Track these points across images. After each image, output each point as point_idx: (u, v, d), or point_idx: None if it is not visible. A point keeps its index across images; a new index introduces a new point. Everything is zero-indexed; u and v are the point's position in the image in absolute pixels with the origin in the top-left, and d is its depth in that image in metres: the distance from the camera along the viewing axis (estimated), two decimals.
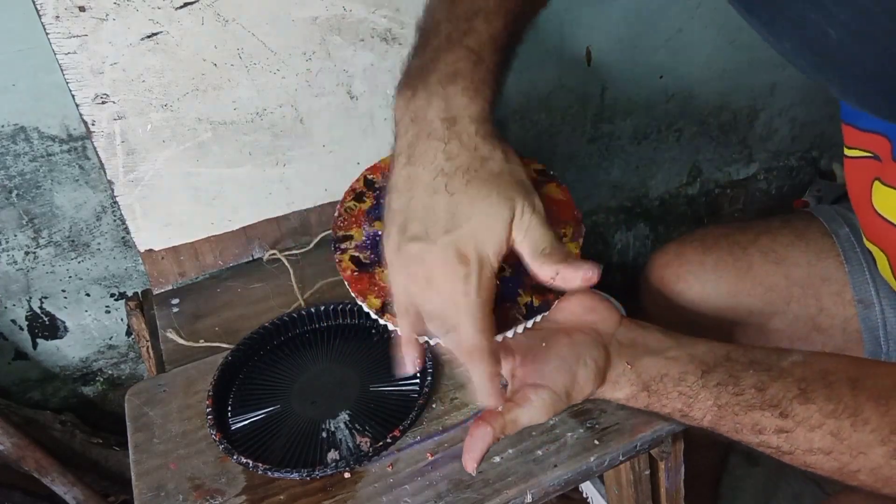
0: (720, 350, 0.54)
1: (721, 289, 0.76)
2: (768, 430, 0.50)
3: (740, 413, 0.50)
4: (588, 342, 0.53)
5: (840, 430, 0.48)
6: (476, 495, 0.56)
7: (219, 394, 0.66)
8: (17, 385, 0.98)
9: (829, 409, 0.48)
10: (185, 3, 0.71)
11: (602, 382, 0.52)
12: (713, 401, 0.51)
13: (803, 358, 0.52)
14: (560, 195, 0.62)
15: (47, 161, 0.84)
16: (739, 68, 1.24)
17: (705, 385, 0.51)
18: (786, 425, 0.49)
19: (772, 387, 0.50)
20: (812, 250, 0.75)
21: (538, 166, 0.64)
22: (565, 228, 0.60)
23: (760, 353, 0.53)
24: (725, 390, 0.51)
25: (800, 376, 0.50)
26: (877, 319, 0.72)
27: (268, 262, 0.86)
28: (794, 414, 0.49)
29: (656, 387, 0.53)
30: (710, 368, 0.52)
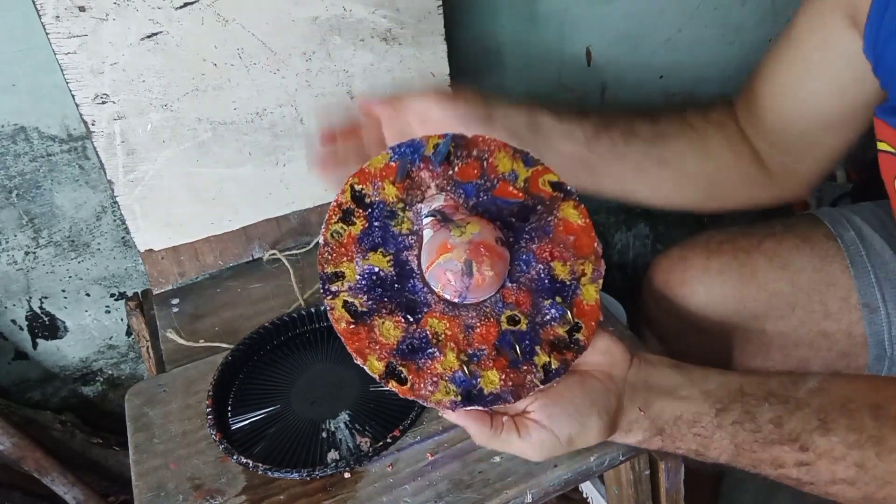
0: (734, 384, 0.52)
1: (725, 294, 0.76)
2: (788, 464, 0.49)
3: (758, 450, 0.49)
4: (601, 391, 0.52)
5: (865, 461, 0.46)
6: (476, 495, 0.56)
7: (219, 394, 0.66)
8: (17, 385, 0.98)
9: (851, 440, 0.47)
10: (185, 3, 0.71)
11: (613, 431, 0.52)
12: (730, 440, 0.50)
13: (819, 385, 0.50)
14: (578, 220, 0.54)
15: (47, 161, 0.84)
16: (739, 68, 1.23)
17: (720, 425, 0.50)
18: (807, 458, 0.48)
19: (790, 421, 0.49)
20: (817, 255, 0.74)
21: (553, 177, 0.55)
22: (583, 265, 0.54)
23: (775, 382, 0.52)
24: (742, 428, 0.50)
25: (818, 406, 0.49)
26: (882, 324, 0.71)
27: (268, 262, 0.86)
28: (815, 447, 0.48)
29: (670, 430, 0.52)
30: (725, 406, 0.51)
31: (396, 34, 0.81)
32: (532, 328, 0.52)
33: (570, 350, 0.52)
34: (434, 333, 0.50)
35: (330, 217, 0.52)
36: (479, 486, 0.57)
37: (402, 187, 0.53)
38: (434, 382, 0.49)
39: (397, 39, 0.81)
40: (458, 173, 0.53)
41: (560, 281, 0.53)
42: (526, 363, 0.51)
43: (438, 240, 0.50)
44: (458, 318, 0.51)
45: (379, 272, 0.51)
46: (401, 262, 0.52)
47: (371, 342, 0.50)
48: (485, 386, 0.50)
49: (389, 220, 0.52)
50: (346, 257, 0.51)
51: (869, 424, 0.47)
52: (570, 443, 0.50)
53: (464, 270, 0.49)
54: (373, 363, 0.49)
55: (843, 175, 1.48)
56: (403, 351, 0.50)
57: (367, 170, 0.53)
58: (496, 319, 0.51)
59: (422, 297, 0.51)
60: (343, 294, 0.50)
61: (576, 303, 0.53)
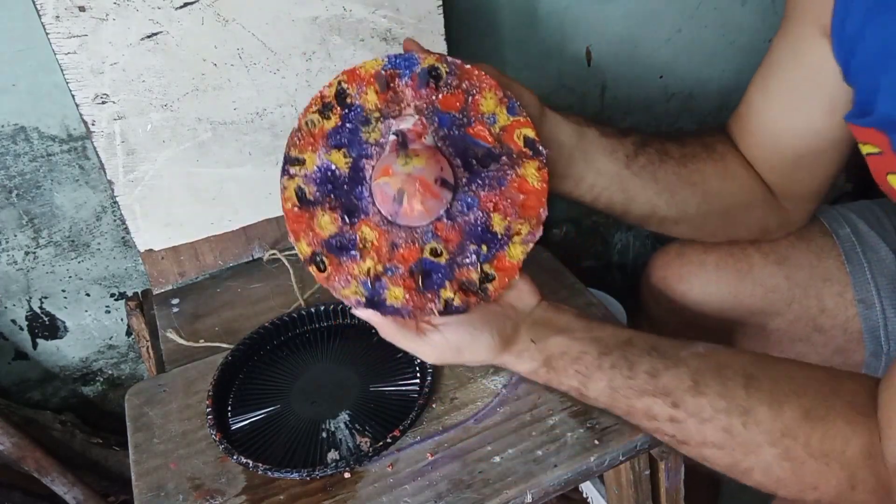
0: (624, 335, 0.56)
1: (722, 289, 0.77)
2: (661, 418, 0.52)
3: (632, 397, 0.53)
4: (499, 315, 0.57)
5: (731, 427, 0.49)
6: (476, 495, 0.56)
7: (219, 394, 0.66)
8: (17, 385, 0.98)
9: (720, 406, 0.50)
10: (185, 3, 0.71)
11: (503, 352, 0.56)
12: (606, 382, 0.54)
13: (704, 350, 0.54)
14: (536, 183, 0.55)
15: (47, 161, 0.84)
16: (739, 68, 1.23)
17: (600, 366, 0.54)
18: (677, 415, 0.51)
19: (665, 375, 0.52)
20: (813, 251, 0.75)
21: (529, 132, 0.55)
22: (521, 225, 0.56)
23: (664, 342, 0.55)
24: (619, 372, 0.53)
25: (695, 368, 0.52)
26: (878, 319, 0.72)
27: (268, 262, 0.86)
28: (686, 405, 0.51)
29: (556, 363, 0.56)
30: (608, 350, 0.55)
31: (396, 34, 0.81)
32: (449, 265, 0.56)
33: (475, 294, 0.56)
34: (363, 239, 0.55)
35: (310, 105, 0.55)
36: (479, 486, 0.57)
37: (383, 98, 0.55)
38: (347, 280, 0.55)
39: (397, 39, 0.81)
40: (440, 101, 0.55)
41: (493, 232, 0.56)
42: (432, 291, 0.56)
43: (385, 162, 0.54)
44: (388, 233, 0.56)
45: (335, 170, 0.55)
46: (358, 166, 0.55)
47: (308, 228, 0.55)
48: (387, 298, 0.55)
49: (361, 126, 0.55)
50: (312, 147, 0.55)
51: (739, 394, 0.50)
52: (459, 351, 0.56)
53: (395, 197, 0.53)
54: (302, 247, 0.54)
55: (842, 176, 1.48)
56: (331, 245, 0.55)
57: (357, 71, 0.55)
58: (420, 246, 0.56)
59: (363, 205, 0.56)
60: (298, 179, 0.55)
61: (499, 256, 0.56)
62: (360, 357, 0.71)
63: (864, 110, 0.59)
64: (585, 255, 1.31)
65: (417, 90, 0.55)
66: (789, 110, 0.66)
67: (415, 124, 0.54)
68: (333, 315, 0.75)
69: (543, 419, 0.62)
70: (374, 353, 0.71)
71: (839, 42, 0.59)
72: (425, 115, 0.55)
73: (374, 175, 0.54)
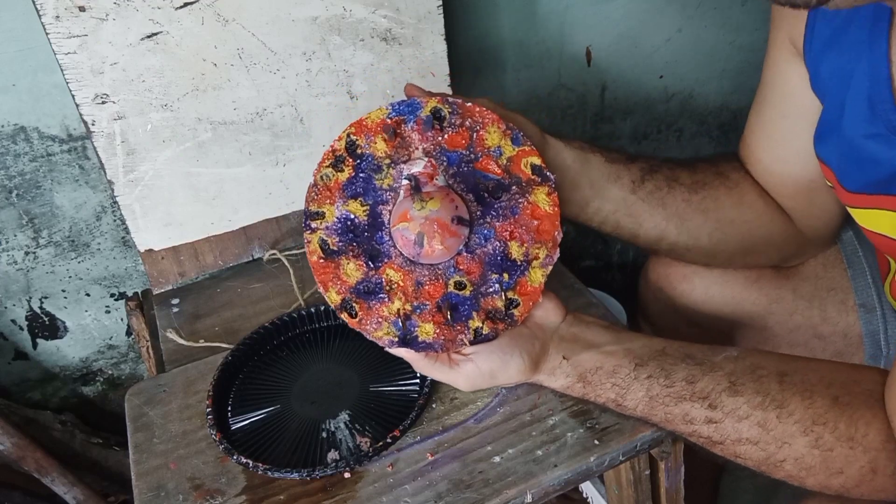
0: (657, 345, 0.57)
1: (726, 293, 0.76)
2: (698, 421, 0.52)
3: (671, 404, 0.53)
4: (526, 336, 0.58)
5: (767, 421, 0.50)
6: (476, 495, 0.56)
7: (219, 394, 0.66)
8: (17, 385, 0.98)
9: (756, 402, 0.51)
10: (185, 3, 0.71)
11: (535, 372, 0.57)
12: (644, 392, 0.54)
13: (736, 354, 0.55)
14: (548, 207, 0.57)
15: (47, 161, 0.84)
16: (739, 68, 1.23)
17: (637, 377, 0.55)
18: (715, 416, 0.52)
19: (702, 380, 0.53)
20: (820, 261, 0.75)
21: (536, 160, 0.57)
22: (538, 250, 0.57)
23: (696, 349, 0.56)
24: (657, 382, 0.54)
25: (730, 370, 0.53)
26: (878, 323, 0.72)
27: (268, 262, 0.86)
28: (723, 405, 0.51)
29: (591, 378, 0.56)
30: (643, 362, 0.55)
31: (396, 34, 0.81)
32: (474, 296, 0.57)
33: (502, 322, 0.58)
34: (388, 281, 0.57)
35: (323, 160, 0.57)
36: (479, 486, 0.57)
37: (392, 144, 0.57)
38: (378, 322, 0.57)
39: (397, 39, 0.81)
40: (447, 140, 0.57)
41: (512, 260, 0.58)
42: (461, 323, 0.57)
43: (402, 207, 0.55)
44: (412, 273, 0.57)
45: (354, 219, 0.57)
46: (375, 213, 0.58)
47: (335, 277, 0.57)
48: (419, 334, 0.57)
49: (374, 174, 0.57)
50: (329, 200, 0.57)
51: (774, 388, 0.51)
52: (492, 376, 0.57)
53: (415, 241, 0.55)
54: (332, 295, 0.56)
55: None
56: (359, 290, 0.57)
57: (364, 122, 0.58)
58: (444, 282, 0.58)
59: (385, 249, 0.58)
60: (320, 231, 0.57)
61: (520, 282, 0.58)
62: (360, 357, 0.71)
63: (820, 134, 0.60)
64: (585, 255, 1.31)
65: (424, 133, 0.57)
66: (787, 136, 0.66)
67: (425, 167, 0.57)
68: (333, 315, 0.75)
69: (543, 419, 0.62)
70: (374, 353, 0.71)
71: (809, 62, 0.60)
72: (434, 157, 0.57)
73: (392, 221, 0.57)
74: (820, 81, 0.59)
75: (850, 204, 0.60)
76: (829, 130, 0.59)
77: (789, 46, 0.62)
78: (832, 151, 0.60)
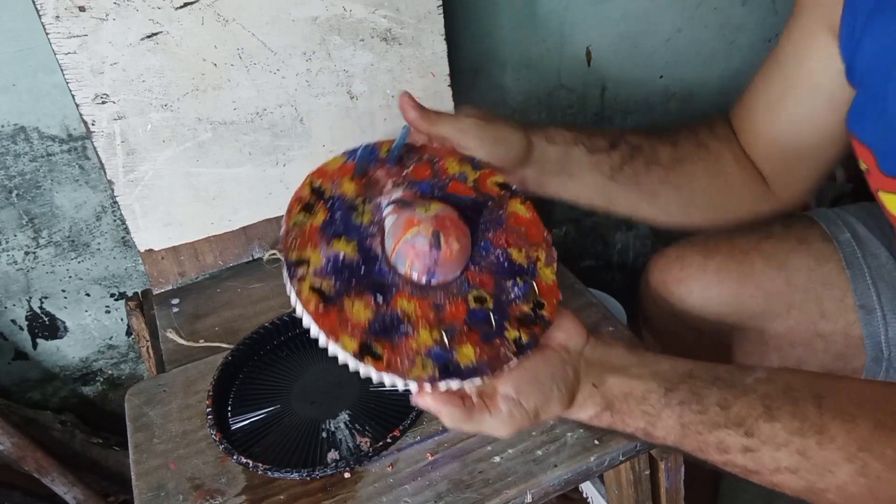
0: (683, 367, 0.53)
1: (722, 294, 0.76)
2: (734, 450, 0.49)
3: (704, 432, 0.50)
4: (559, 362, 0.53)
5: (806, 449, 0.47)
6: (476, 495, 0.56)
7: (219, 394, 0.66)
8: (17, 385, 0.98)
9: (794, 427, 0.48)
10: (185, 3, 0.71)
11: (571, 405, 0.53)
12: (676, 419, 0.51)
13: (767, 374, 0.52)
14: (526, 213, 0.58)
15: (47, 161, 0.84)
16: (739, 68, 1.23)
17: (668, 404, 0.51)
18: (751, 444, 0.49)
19: (735, 405, 0.50)
20: (813, 256, 0.75)
21: (500, 178, 0.59)
22: (537, 252, 0.57)
23: (724, 370, 0.53)
24: (688, 408, 0.51)
25: (764, 393, 0.50)
26: (878, 325, 0.71)
27: (268, 262, 0.86)
28: (760, 432, 0.48)
29: (620, 406, 0.53)
30: (673, 387, 0.52)
31: (396, 34, 0.81)
32: (499, 305, 0.53)
33: (536, 325, 0.53)
34: (405, 313, 0.50)
35: (291, 209, 0.52)
36: (479, 486, 0.57)
37: (360, 183, 0.55)
38: (411, 359, 0.48)
39: (397, 39, 0.81)
40: (412, 173, 0.56)
41: (518, 264, 0.56)
42: (498, 336, 0.51)
43: (404, 217, 0.52)
44: (426, 298, 0.52)
45: (344, 258, 0.51)
46: (365, 248, 0.52)
47: (342, 322, 0.48)
48: (461, 360, 0.49)
49: (350, 212, 0.54)
50: (311, 244, 0.51)
51: (811, 412, 0.48)
52: (535, 414, 0.51)
53: (432, 243, 0.50)
54: (346, 342, 0.47)
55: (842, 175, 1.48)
56: (376, 330, 0.49)
57: (324, 168, 0.55)
58: (463, 299, 0.53)
59: (389, 280, 0.52)
60: (309, 279, 0.49)
61: (535, 283, 0.55)
62: None
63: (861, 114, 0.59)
64: (585, 255, 1.31)
65: (389, 170, 0.56)
66: (791, 105, 0.67)
67: (404, 192, 0.55)
68: None
69: None
70: None
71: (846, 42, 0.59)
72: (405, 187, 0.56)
73: (394, 238, 0.52)
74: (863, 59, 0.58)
75: (885, 188, 0.60)
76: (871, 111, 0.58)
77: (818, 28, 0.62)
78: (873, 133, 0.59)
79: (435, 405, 0.49)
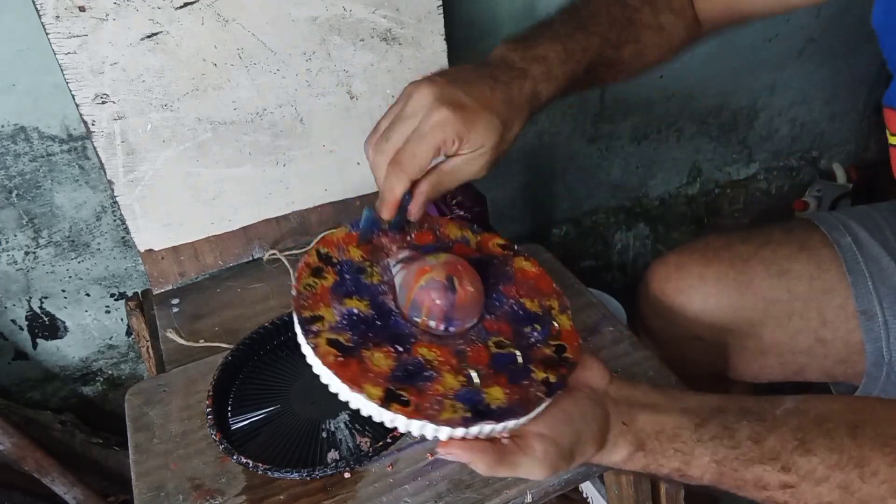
0: (711, 402, 0.52)
1: (722, 302, 0.76)
2: (772, 486, 0.48)
3: (740, 468, 0.48)
4: (588, 400, 0.51)
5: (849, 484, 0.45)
6: (476, 495, 0.56)
7: (219, 394, 0.66)
8: (17, 385, 0.98)
9: (833, 461, 0.46)
10: (185, 3, 0.71)
11: (602, 444, 0.51)
12: (710, 457, 0.49)
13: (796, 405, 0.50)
14: (532, 268, 0.59)
15: (47, 161, 0.84)
16: (739, 68, 1.24)
17: (700, 440, 0.50)
18: (790, 480, 0.47)
19: (769, 438, 0.48)
20: (814, 262, 0.74)
21: (500, 240, 0.60)
22: (549, 301, 0.57)
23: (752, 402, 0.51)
24: (721, 444, 0.49)
25: (796, 426, 0.48)
26: (879, 331, 0.71)
27: (268, 262, 0.86)
28: (797, 467, 0.47)
29: (652, 445, 0.51)
30: (703, 421, 0.50)
31: (396, 34, 0.81)
32: (521, 350, 0.52)
33: (562, 367, 0.51)
34: (426, 360, 0.49)
35: (300, 274, 0.52)
36: (479, 486, 0.57)
37: (366, 249, 0.55)
38: (439, 403, 0.46)
39: (397, 39, 0.81)
40: (416, 239, 0.57)
41: (533, 312, 0.55)
42: (526, 378, 0.50)
43: (415, 268, 0.52)
44: (447, 346, 0.51)
45: (359, 313, 0.51)
46: (377, 304, 0.52)
47: (363, 372, 0.47)
48: (491, 402, 0.47)
49: (359, 274, 0.54)
50: (323, 303, 0.50)
51: (848, 444, 0.46)
52: (571, 453, 0.49)
53: (446, 286, 0.50)
54: (370, 391, 0.45)
55: (842, 175, 1.48)
56: (399, 377, 0.47)
57: (329, 238, 0.55)
58: (484, 344, 0.51)
59: (407, 331, 0.51)
60: (325, 333, 0.48)
61: (553, 328, 0.54)
62: None
63: None
64: (585, 255, 1.31)
65: (392, 237, 0.57)
66: None
67: (411, 253, 0.55)
68: None
69: None
70: None
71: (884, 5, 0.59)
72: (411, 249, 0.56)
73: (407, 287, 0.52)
74: None
75: None
76: None
77: None
78: None
79: (466, 453, 0.47)
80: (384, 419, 0.45)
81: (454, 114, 0.51)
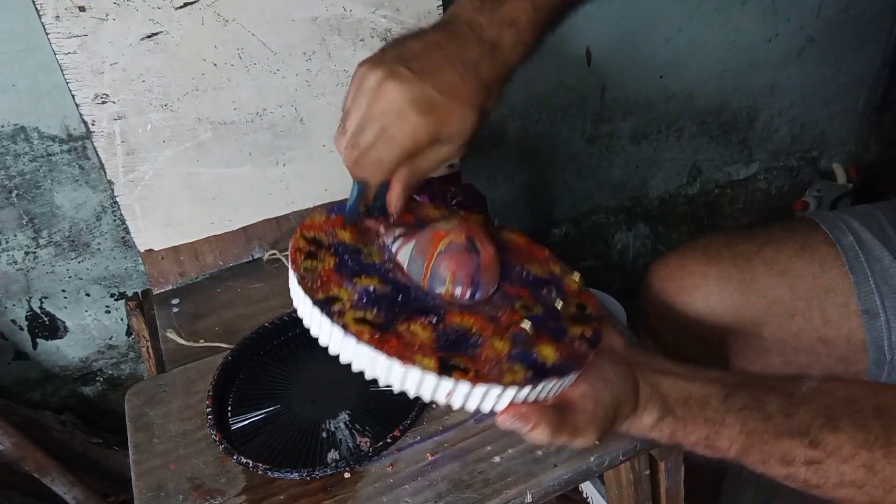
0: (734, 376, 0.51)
1: (725, 301, 0.76)
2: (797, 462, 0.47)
3: (769, 441, 0.48)
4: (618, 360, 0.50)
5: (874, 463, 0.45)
6: (476, 495, 0.56)
7: (219, 394, 0.66)
8: (17, 385, 0.98)
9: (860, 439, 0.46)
10: (185, 3, 0.71)
11: (636, 405, 0.50)
12: (740, 427, 0.48)
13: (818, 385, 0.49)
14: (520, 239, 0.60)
15: (47, 161, 0.84)
16: (739, 68, 1.24)
17: (730, 409, 0.48)
18: (816, 455, 0.47)
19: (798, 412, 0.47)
20: (816, 261, 0.74)
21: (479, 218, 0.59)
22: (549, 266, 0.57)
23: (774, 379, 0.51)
24: (751, 415, 0.48)
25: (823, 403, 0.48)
26: (881, 329, 0.71)
27: (268, 262, 0.86)
28: (825, 443, 0.46)
29: (681, 412, 0.50)
30: (732, 391, 0.49)
31: (396, 34, 0.81)
32: (548, 310, 0.51)
33: (592, 321, 0.51)
34: (465, 328, 0.46)
35: (295, 257, 0.48)
36: (479, 486, 0.57)
37: (353, 232, 0.53)
38: (498, 368, 0.43)
39: None
40: (396, 221, 0.56)
41: (542, 277, 0.56)
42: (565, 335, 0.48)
43: (427, 236, 0.49)
44: (477, 313, 0.48)
45: (375, 290, 0.47)
46: (389, 280, 0.48)
47: (408, 346, 0.43)
48: (546, 360, 0.45)
49: (357, 254, 0.51)
50: (335, 284, 0.47)
51: (875, 424, 0.46)
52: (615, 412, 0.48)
53: (468, 247, 0.47)
54: (422, 362, 0.42)
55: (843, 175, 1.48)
56: (445, 346, 0.44)
57: (310, 223, 0.52)
58: (511, 308, 0.49)
59: (432, 303, 0.48)
60: (349, 312, 0.44)
61: (566, 288, 0.55)
62: None
63: None
64: (585, 255, 1.31)
65: (376, 220, 0.55)
66: None
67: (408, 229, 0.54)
68: None
69: None
70: None
71: None
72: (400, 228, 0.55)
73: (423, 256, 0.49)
74: None
75: None
76: None
77: None
78: None
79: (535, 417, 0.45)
80: (439, 393, 0.42)
81: (425, 118, 0.48)
